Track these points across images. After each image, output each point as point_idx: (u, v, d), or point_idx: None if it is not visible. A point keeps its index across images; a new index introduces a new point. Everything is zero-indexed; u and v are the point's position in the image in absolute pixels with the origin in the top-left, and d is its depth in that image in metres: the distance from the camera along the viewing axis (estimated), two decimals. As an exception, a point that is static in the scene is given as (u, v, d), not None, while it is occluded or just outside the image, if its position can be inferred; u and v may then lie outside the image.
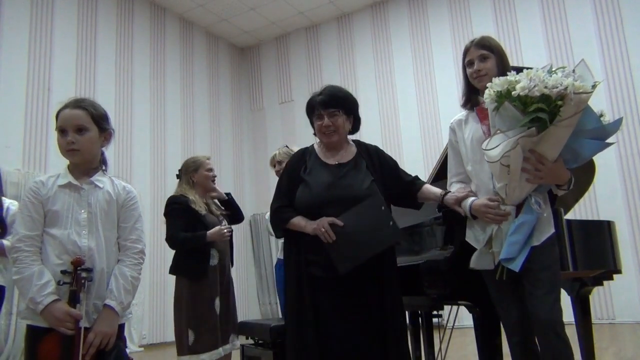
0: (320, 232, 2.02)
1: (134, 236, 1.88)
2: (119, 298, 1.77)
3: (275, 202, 2.25)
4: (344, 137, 2.27)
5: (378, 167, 2.24)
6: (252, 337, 3.09)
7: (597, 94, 1.79)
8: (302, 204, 2.14)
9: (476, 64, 2.06)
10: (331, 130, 2.20)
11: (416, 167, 6.14)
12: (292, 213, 2.15)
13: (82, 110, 1.82)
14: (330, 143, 2.24)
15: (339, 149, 2.26)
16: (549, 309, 1.83)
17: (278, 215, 2.20)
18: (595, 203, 6.36)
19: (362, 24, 8.45)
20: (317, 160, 2.25)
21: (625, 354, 4.18)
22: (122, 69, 7.23)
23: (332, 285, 2.06)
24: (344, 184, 2.14)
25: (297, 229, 2.13)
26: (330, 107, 2.19)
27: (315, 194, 2.12)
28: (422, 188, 2.21)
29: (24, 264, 1.70)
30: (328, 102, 2.20)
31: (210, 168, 3.33)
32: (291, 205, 2.18)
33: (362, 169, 2.21)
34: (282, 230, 2.21)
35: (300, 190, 2.17)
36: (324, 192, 2.11)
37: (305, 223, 2.10)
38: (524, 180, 1.85)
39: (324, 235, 2.01)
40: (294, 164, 2.29)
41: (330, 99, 2.21)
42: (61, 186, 1.81)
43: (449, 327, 3.04)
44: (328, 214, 2.06)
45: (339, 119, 2.20)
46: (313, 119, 2.26)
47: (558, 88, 1.67)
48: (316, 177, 2.17)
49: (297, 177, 2.21)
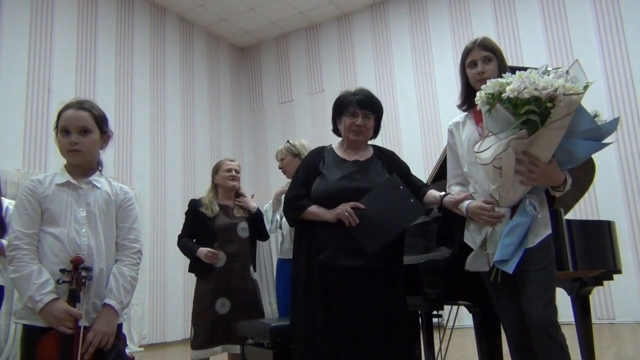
0: (344, 216, 2.06)
1: (132, 236, 1.89)
2: (118, 297, 1.77)
3: (290, 191, 2.28)
4: (367, 140, 2.35)
5: (395, 169, 2.29)
6: (252, 337, 3.09)
7: (597, 94, 1.79)
8: (318, 193, 2.19)
9: (480, 65, 2.04)
10: (361, 130, 2.26)
11: (416, 167, 6.13)
12: (308, 202, 2.19)
13: (86, 112, 1.84)
14: (356, 142, 2.30)
15: (358, 150, 2.32)
16: (542, 310, 1.83)
17: (293, 204, 2.23)
18: (595, 203, 6.35)
19: (362, 24, 8.45)
20: (335, 157, 2.31)
21: (625, 354, 4.18)
22: (122, 69, 7.23)
23: (345, 277, 2.08)
24: (361, 176, 2.20)
25: (314, 217, 2.16)
26: (367, 109, 2.27)
27: (332, 183, 2.17)
28: (426, 194, 2.23)
29: (22, 262, 1.69)
30: (366, 104, 2.28)
31: (230, 168, 3.35)
32: (307, 196, 2.21)
33: (379, 166, 2.28)
34: (296, 219, 2.23)
35: (317, 182, 2.22)
36: (340, 183, 2.17)
37: (324, 212, 2.13)
38: (518, 182, 1.84)
39: (347, 219, 2.05)
40: (311, 158, 2.34)
41: (369, 101, 2.29)
42: (59, 185, 1.81)
43: (449, 327, 3.05)
44: None
45: (370, 122, 2.29)
46: (342, 116, 2.30)
47: (548, 89, 1.66)
48: (334, 170, 2.23)
49: (314, 170, 2.26)
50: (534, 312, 1.83)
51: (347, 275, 2.09)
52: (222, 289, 3.14)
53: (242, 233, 3.28)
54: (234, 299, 3.14)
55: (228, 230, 3.22)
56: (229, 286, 3.15)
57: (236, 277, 3.18)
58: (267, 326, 2.80)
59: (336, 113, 2.35)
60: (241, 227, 3.27)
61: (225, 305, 3.12)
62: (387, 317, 2.08)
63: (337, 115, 2.35)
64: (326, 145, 2.40)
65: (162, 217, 7.34)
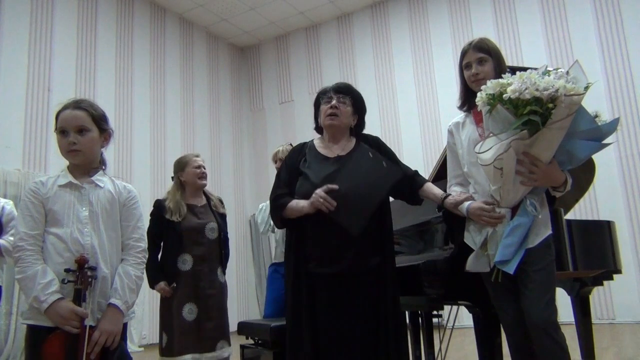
0: (319, 203, 1.99)
1: (136, 235, 1.89)
2: (124, 297, 1.77)
3: (273, 193, 2.23)
4: (345, 127, 2.26)
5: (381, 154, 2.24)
6: (252, 337, 3.09)
7: (597, 94, 1.79)
8: (301, 195, 2.13)
9: (474, 67, 2.04)
10: (336, 113, 2.20)
11: (416, 167, 6.12)
12: (288, 198, 2.14)
13: (82, 111, 1.83)
14: (332, 127, 2.23)
15: (339, 140, 2.25)
16: (542, 310, 1.83)
17: (275, 203, 2.18)
18: (595, 203, 6.35)
19: (362, 24, 8.45)
20: (316, 154, 2.24)
21: (625, 354, 4.18)
22: (122, 69, 7.22)
23: (331, 282, 2.06)
24: (343, 174, 2.12)
25: (295, 213, 2.10)
26: (342, 93, 2.24)
27: (314, 186, 2.09)
28: (424, 185, 2.21)
29: (27, 263, 1.70)
30: (341, 88, 2.26)
31: (199, 165, 3.18)
32: (290, 196, 2.16)
33: (365, 151, 2.20)
34: (280, 219, 2.18)
35: (299, 183, 2.17)
36: (323, 182, 2.08)
37: (302, 203, 2.07)
38: (518, 182, 1.84)
39: (323, 204, 1.99)
40: (293, 157, 2.28)
41: (344, 87, 2.28)
42: (61, 186, 1.81)
43: (449, 327, 3.05)
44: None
45: (346, 107, 2.23)
46: (320, 105, 2.28)
47: (549, 90, 1.66)
48: (315, 169, 2.16)
49: (296, 169, 2.21)
50: (534, 312, 1.83)
51: (333, 280, 2.05)
52: (189, 294, 2.99)
53: (211, 234, 3.10)
54: (202, 304, 3.00)
55: (195, 232, 3.05)
56: (196, 291, 3.00)
57: (204, 281, 3.03)
58: (267, 326, 2.80)
59: (316, 109, 2.33)
60: (210, 227, 3.10)
61: (192, 311, 2.98)
62: (374, 318, 2.05)
63: (317, 110, 2.32)
64: (308, 141, 2.34)
65: (162, 217, 7.32)
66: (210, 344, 2.99)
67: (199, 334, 2.96)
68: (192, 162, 3.17)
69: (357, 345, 2.02)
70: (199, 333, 2.97)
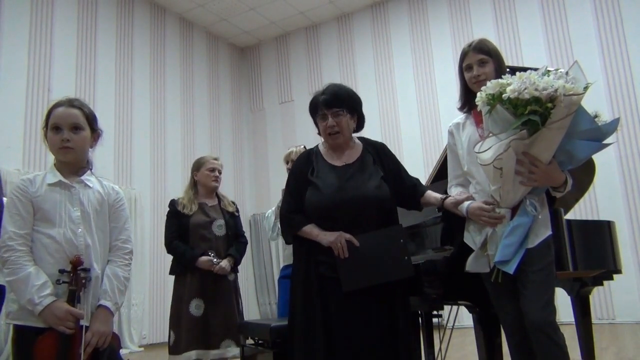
0: (336, 247, 2.02)
1: (123, 236, 1.89)
2: (114, 299, 1.78)
3: (284, 205, 2.22)
4: (348, 137, 2.25)
5: (385, 163, 2.23)
6: (252, 337, 3.09)
7: (597, 94, 1.79)
8: (312, 206, 2.12)
9: (475, 69, 2.04)
10: (335, 131, 2.17)
11: (416, 167, 6.13)
12: (304, 220, 2.13)
13: (77, 109, 1.84)
14: (336, 145, 2.22)
15: (344, 149, 2.24)
16: (540, 310, 1.83)
17: (288, 221, 2.18)
18: (595, 203, 6.35)
19: (362, 24, 8.45)
20: (324, 162, 2.22)
21: (625, 354, 4.18)
22: (122, 69, 7.22)
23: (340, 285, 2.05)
24: (352, 185, 2.11)
25: (309, 237, 2.11)
26: (334, 107, 2.16)
27: (325, 196, 2.09)
28: (425, 194, 2.20)
29: (18, 264, 1.67)
30: (331, 102, 2.16)
31: (213, 168, 3.27)
32: (301, 209, 2.15)
33: (369, 166, 2.19)
34: (292, 236, 2.19)
35: (309, 193, 2.15)
36: (334, 194, 2.09)
37: (319, 233, 2.08)
38: (518, 183, 1.84)
39: (339, 250, 2.02)
40: (300, 167, 2.26)
41: (334, 98, 2.17)
42: (51, 185, 1.79)
43: (449, 327, 3.04)
44: (338, 217, 2.07)
45: (343, 119, 2.17)
46: (317, 119, 2.24)
47: (548, 90, 1.66)
48: (324, 179, 2.15)
49: (304, 179, 2.19)
50: (532, 312, 1.83)
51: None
52: (196, 290, 3.05)
53: (218, 231, 3.18)
54: (208, 300, 3.05)
55: (202, 227, 3.14)
56: (203, 286, 3.06)
57: (210, 277, 3.08)
58: (267, 326, 2.80)
59: (312, 117, 2.29)
60: (217, 224, 3.19)
61: (199, 306, 3.02)
62: (387, 321, 2.06)
63: (314, 118, 2.29)
64: (313, 148, 2.32)
65: (162, 217, 7.25)
66: (215, 341, 3.01)
67: (205, 330, 3.00)
68: (208, 164, 3.29)
69: (368, 348, 2.02)
70: (205, 329, 3.00)
